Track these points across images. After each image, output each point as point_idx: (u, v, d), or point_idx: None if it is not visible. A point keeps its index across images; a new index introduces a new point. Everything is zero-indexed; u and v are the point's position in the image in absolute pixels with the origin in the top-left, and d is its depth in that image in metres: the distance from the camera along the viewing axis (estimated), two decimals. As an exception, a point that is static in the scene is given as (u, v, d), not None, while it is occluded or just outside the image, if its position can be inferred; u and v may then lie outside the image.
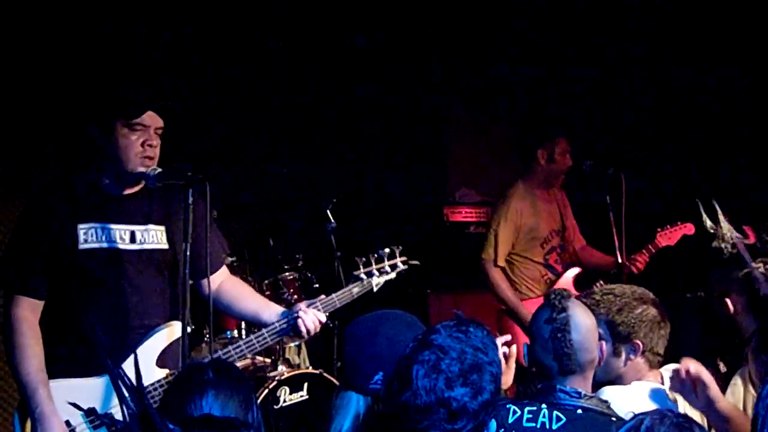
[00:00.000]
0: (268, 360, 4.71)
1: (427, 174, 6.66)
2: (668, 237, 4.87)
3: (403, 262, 3.40)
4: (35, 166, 4.97)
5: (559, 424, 2.27)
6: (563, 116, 6.02)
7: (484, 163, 6.64)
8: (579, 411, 2.30)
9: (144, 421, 1.53)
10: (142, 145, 2.94)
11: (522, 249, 4.93)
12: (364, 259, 3.27)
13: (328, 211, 4.89)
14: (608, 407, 2.38)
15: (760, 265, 2.91)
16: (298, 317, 3.10)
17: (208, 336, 4.56)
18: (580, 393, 2.36)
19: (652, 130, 6.14)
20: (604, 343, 2.60)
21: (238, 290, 3.32)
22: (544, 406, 2.30)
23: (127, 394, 1.56)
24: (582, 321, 2.46)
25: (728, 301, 3.01)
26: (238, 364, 4.74)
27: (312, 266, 5.24)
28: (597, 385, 2.69)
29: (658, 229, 4.88)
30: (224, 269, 3.35)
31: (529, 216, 4.92)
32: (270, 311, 3.21)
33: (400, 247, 3.37)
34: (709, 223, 3.14)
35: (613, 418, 2.32)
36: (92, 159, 3.03)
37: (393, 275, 3.35)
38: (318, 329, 3.14)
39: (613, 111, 6.19)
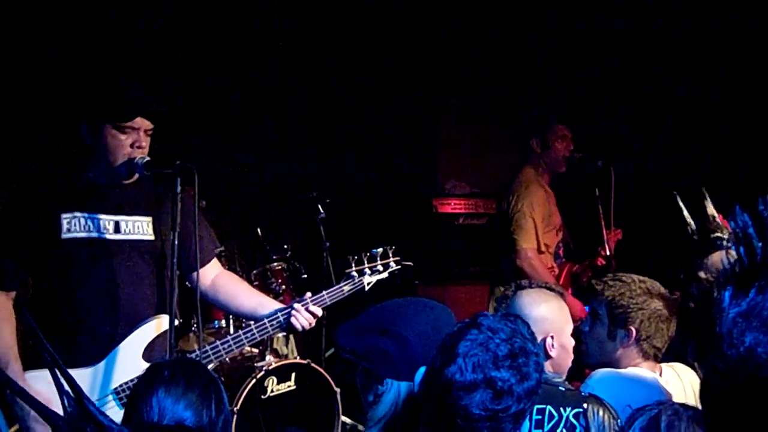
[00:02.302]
0: (255, 350, 4.71)
1: (417, 165, 6.66)
2: (612, 240, 4.87)
3: (396, 262, 3.41)
4: (23, 159, 4.94)
5: None
6: (553, 107, 6.02)
7: (473, 155, 6.65)
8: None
9: (84, 421, 1.50)
10: (131, 146, 2.93)
11: (542, 236, 4.78)
12: (356, 257, 3.27)
13: (316, 203, 4.89)
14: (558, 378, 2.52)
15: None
16: (291, 314, 3.09)
17: (195, 326, 4.56)
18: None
19: (643, 123, 6.16)
20: (552, 337, 2.59)
21: (233, 287, 3.28)
22: None
23: (67, 392, 1.54)
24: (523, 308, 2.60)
25: None
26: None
27: (300, 256, 5.24)
28: (592, 367, 2.75)
29: (606, 232, 4.87)
30: (216, 263, 3.32)
31: (545, 203, 4.83)
32: (267, 308, 3.19)
33: (393, 248, 3.38)
34: (710, 210, 3.11)
35: (561, 388, 2.43)
36: (79, 155, 3.01)
37: (385, 275, 3.35)
38: (312, 324, 3.15)
39: (602, 102, 6.20)
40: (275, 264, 5.01)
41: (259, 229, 5.20)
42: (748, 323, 1.06)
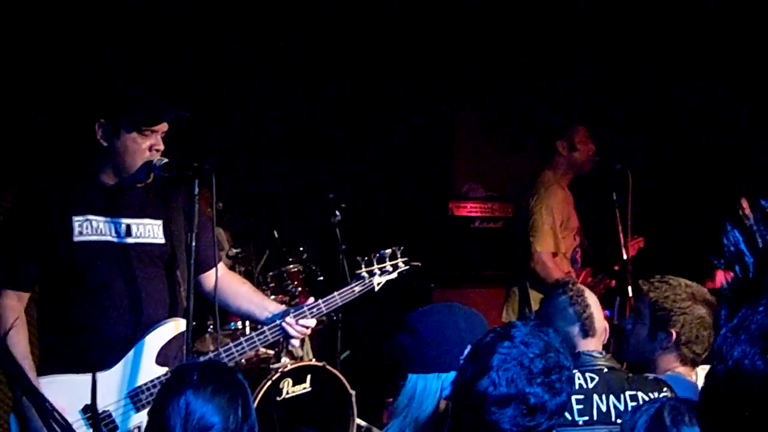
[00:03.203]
0: (271, 352, 4.72)
1: (433, 168, 6.65)
2: (632, 248, 4.87)
3: (405, 263, 3.43)
4: (32, 155, 4.95)
5: (594, 382, 2.55)
6: (570, 112, 6.00)
7: (490, 158, 6.63)
8: (605, 370, 2.61)
9: None
10: (149, 149, 2.94)
11: (562, 238, 4.79)
12: (366, 258, 3.29)
13: (333, 205, 4.89)
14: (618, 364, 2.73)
15: None
16: (283, 327, 3.09)
17: (211, 327, 4.58)
18: (602, 352, 2.68)
19: (660, 126, 6.12)
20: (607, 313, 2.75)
21: (233, 288, 3.27)
22: (575, 370, 2.43)
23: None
24: (589, 292, 2.84)
25: None
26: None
27: (316, 259, 5.24)
28: (630, 364, 2.77)
29: (628, 238, 4.86)
30: (221, 265, 3.31)
31: (565, 205, 4.84)
32: (265, 310, 3.20)
33: (402, 248, 3.41)
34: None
35: (629, 373, 2.66)
36: (91, 154, 2.99)
37: (394, 275, 3.38)
38: (308, 333, 3.20)
39: (620, 106, 6.17)
40: (291, 266, 5.02)
41: (275, 231, 5.21)
42: (737, 337, 1.06)
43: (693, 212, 5.57)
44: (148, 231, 3.04)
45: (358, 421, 4.67)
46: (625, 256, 4.75)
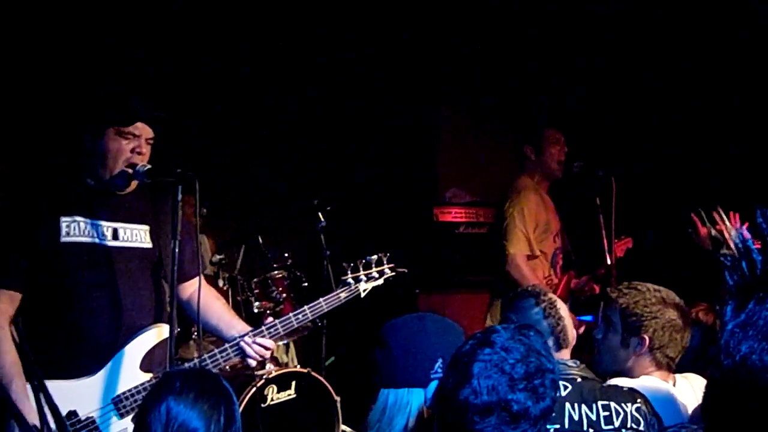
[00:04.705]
0: (256, 358, 4.70)
1: (418, 174, 6.66)
2: (620, 249, 4.88)
3: (391, 269, 3.44)
4: (19, 162, 4.93)
5: (567, 390, 2.49)
6: (553, 116, 6.03)
7: (474, 164, 6.65)
8: (578, 379, 2.55)
9: None
10: (132, 151, 2.94)
11: (537, 242, 4.79)
12: (352, 264, 3.31)
13: (318, 211, 4.88)
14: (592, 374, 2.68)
15: None
16: (240, 346, 3.06)
17: (195, 334, 4.56)
18: (576, 362, 2.61)
19: (643, 132, 6.16)
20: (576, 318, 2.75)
21: (207, 302, 3.16)
22: None
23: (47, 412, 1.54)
24: (561, 303, 2.80)
25: None
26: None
27: (301, 265, 5.24)
28: (604, 375, 2.76)
29: (615, 241, 4.89)
30: (200, 278, 3.25)
31: (542, 210, 4.84)
32: (232, 330, 3.15)
33: (388, 254, 3.43)
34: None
35: (603, 383, 2.61)
36: (77, 156, 3.01)
37: (380, 281, 3.40)
38: (266, 356, 3.15)
39: (603, 111, 6.21)
40: (276, 272, 5.01)
41: (260, 237, 5.20)
42: (745, 333, 1.07)
43: (675, 217, 5.61)
44: (135, 235, 3.04)
45: (343, 427, 4.66)
46: (609, 261, 4.76)
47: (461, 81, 6.55)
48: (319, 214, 4.88)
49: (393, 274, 3.45)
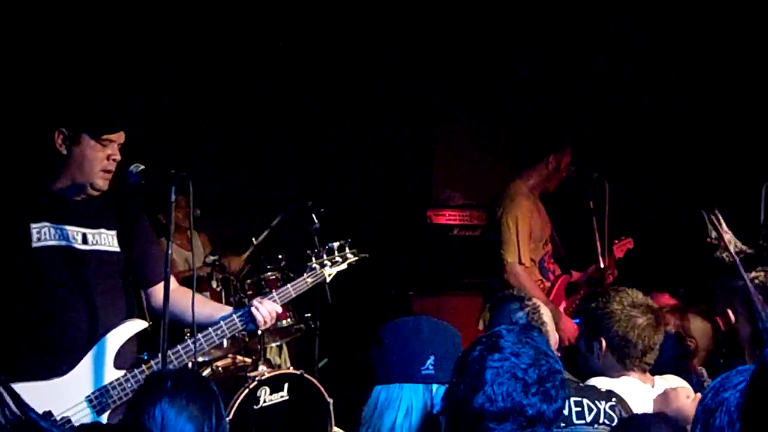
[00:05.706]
0: (248, 360, 4.70)
1: (412, 176, 6.66)
2: (620, 249, 4.89)
3: (353, 254, 3.53)
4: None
5: None
6: (549, 120, 6.04)
7: (469, 166, 6.65)
8: None
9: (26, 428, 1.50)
10: (108, 158, 2.97)
11: (530, 249, 4.78)
12: (316, 250, 3.46)
13: (311, 212, 4.87)
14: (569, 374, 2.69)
15: (761, 273, 2.85)
16: (252, 307, 3.13)
17: (188, 335, 4.54)
18: None
19: (637, 135, 6.18)
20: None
21: (185, 302, 3.12)
22: None
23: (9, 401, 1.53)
24: (544, 308, 2.87)
25: (729, 311, 2.99)
26: (219, 363, 4.76)
27: (295, 266, 5.22)
28: (583, 378, 2.77)
29: (615, 241, 4.89)
30: (172, 279, 3.20)
31: (536, 216, 4.83)
32: (222, 311, 3.20)
33: (350, 240, 3.54)
34: (714, 234, 3.15)
35: (579, 383, 2.64)
36: (45, 162, 3.01)
37: (344, 266, 3.51)
38: (274, 319, 3.22)
39: (597, 114, 6.21)
40: (269, 274, 4.99)
41: (253, 239, 5.19)
42: None
43: (671, 220, 5.62)
44: (104, 239, 3.07)
45: (336, 429, 4.65)
46: (602, 264, 4.77)
47: (457, 85, 6.55)
48: (313, 215, 4.87)
49: (356, 258, 3.55)
